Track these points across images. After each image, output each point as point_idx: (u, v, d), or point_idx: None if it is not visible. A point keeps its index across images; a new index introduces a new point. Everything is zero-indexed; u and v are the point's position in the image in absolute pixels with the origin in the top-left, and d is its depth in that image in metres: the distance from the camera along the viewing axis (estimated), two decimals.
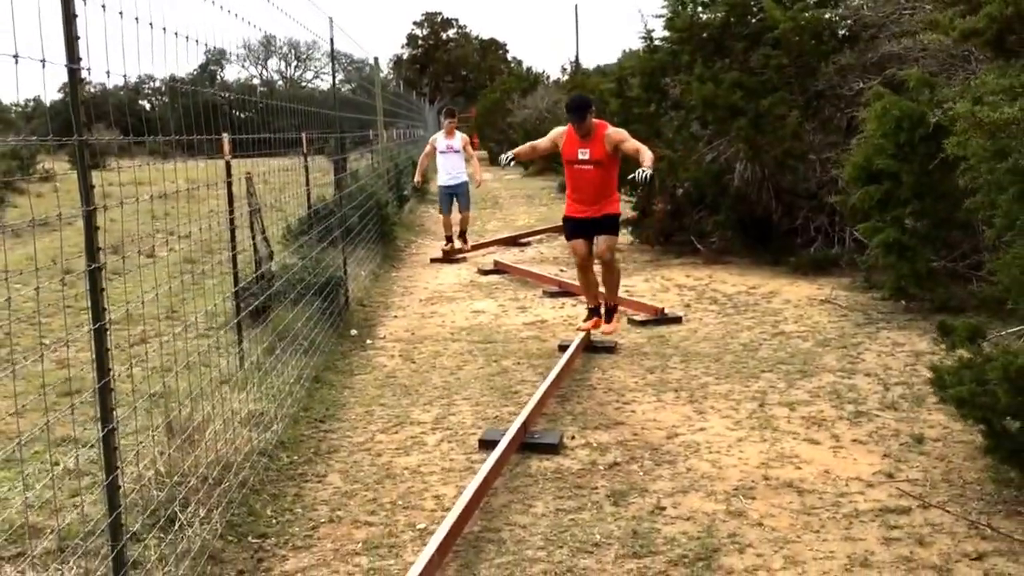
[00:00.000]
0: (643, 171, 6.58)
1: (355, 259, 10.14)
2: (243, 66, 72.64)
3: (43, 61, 2.81)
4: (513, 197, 23.45)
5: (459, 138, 13.53)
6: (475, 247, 13.75)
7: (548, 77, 45.92)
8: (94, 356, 3.20)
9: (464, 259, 13.00)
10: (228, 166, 6.45)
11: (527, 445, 5.17)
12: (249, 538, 4.14)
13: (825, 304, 8.88)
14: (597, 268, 7.53)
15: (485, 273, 11.59)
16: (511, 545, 4.03)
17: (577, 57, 58.90)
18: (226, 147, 6.37)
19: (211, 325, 7.24)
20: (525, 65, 72.17)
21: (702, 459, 5.00)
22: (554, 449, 5.14)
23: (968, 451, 4.85)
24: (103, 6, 3.19)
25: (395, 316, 9.18)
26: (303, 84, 71.88)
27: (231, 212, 6.35)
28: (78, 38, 2.97)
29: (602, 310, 7.65)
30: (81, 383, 6.03)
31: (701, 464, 4.93)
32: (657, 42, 12.75)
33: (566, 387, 6.35)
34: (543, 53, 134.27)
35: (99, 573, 3.43)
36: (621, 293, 8.03)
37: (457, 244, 13.43)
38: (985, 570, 3.66)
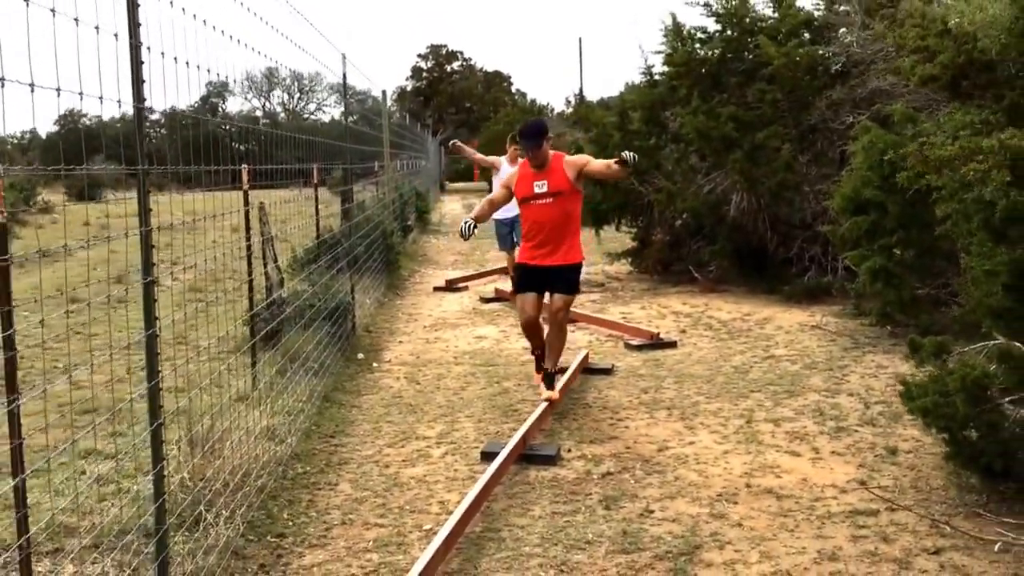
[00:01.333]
0: (629, 152, 6.14)
1: (361, 287, 10.51)
2: (246, 98, 73.49)
3: (119, 101, 3.20)
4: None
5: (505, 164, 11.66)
6: (479, 276, 14.12)
7: (552, 109, 46.53)
8: (146, 362, 3.56)
9: (467, 288, 13.35)
10: (246, 195, 6.83)
11: (526, 456, 5.51)
12: (268, 537, 4.49)
13: (815, 330, 9.24)
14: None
15: (487, 301, 11.96)
16: (510, 543, 4.37)
17: (581, 89, 59.58)
18: (245, 177, 6.76)
19: (222, 349, 7.60)
20: (529, 97, 72.98)
21: (690, 469, 5.35)
22: (551, 460, 5.49)
23: (936, 461, 5.19)
24: (162, 53, 3.58)
25: (400, 341, 9.53)
26: (306, 116, 72.72)
27: (248, 240, 6.73)
28: (144, 81, 3.34)
29: (540, 370, 6.88)
30: (97, 402, 6.38)
31: (688, 473, 5.27)
32: (657, 77, 13.21)
33: (564, 405, 6.70)
34: (547, 85, 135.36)
35: (141, 557, 3.77)
36: (616, 319, 8.36)
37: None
38: (941, 563, 4.00)
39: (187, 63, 3.83)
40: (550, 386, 6.62)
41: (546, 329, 6.79)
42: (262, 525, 4.61)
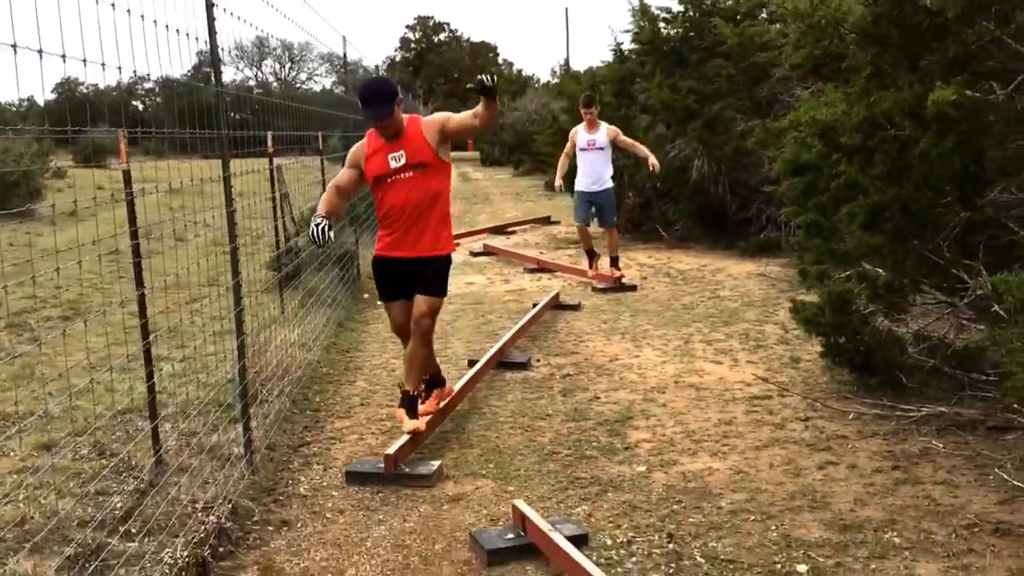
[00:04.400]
0: (485, 75, 4.97)
1: (363, 242, 11.88)
2: (238, 68, 74.29)
3: (210, 83, 4.55)
4: (503, 194, 25.21)
5: (604, 131, 10.44)
6: (468, 234, 15.48)
7: (538, 80, 47.70)
8: (232, 292, 4.93)
9: (458, 244, 14.72)
10: (271, 158, 8.19)
11: (503, 364, 6.94)
12: (307, 411, 5.94)
13: (760, 277, 10.68)
14: None
15: (476, 255, 13.36)
16: (488, 415, 5.82)
17: (568, 59, 60.71)
18: (270, 144, 8.12)
19: (249, 290, 8.98)
20: (516, 67, 74.19)
21: (632, 372, 6.78)
22: (524, 366, 6.92)
23: (825, 366, 6.62)
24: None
25: None
26: (297, 86, 73.60)
27: (273, 195, 8.10)
28: (222, 69, 4.71)
29: (413, 389, 5.41)
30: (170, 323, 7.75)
31: (631, 375, 6.71)
32: (626, 53, 14.57)
33: (536, 330, 8.12)
34: (534, 55, 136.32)
35: (222, 421, 5.19)
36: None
37: (607, 269, 10.75)
38: (807, 425, 5.46)
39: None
40: (412, 413, 5.25)
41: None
42: (302, 403, 6.05)
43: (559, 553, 3.76)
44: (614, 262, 10.66)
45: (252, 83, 73.54)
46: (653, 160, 10.16)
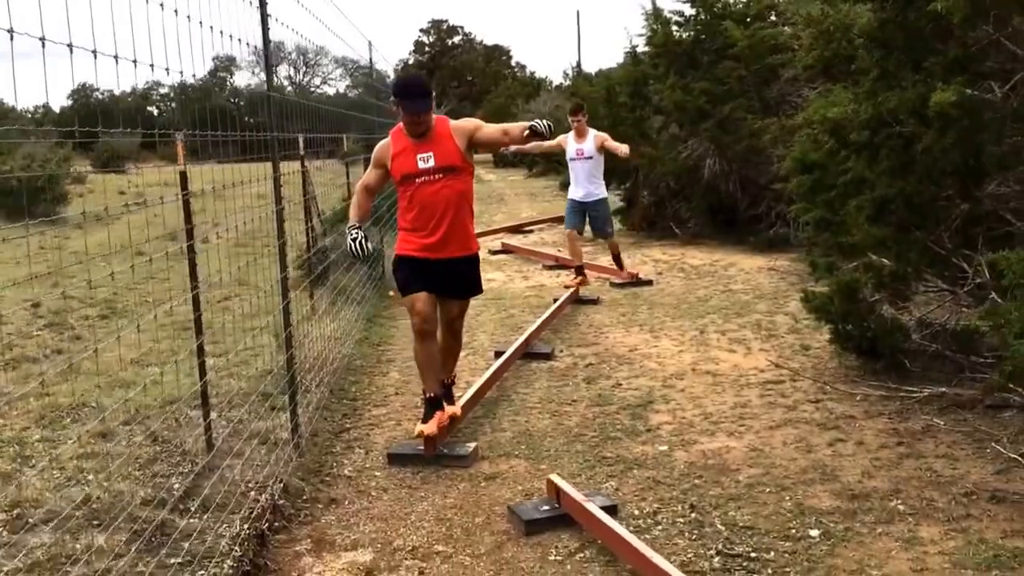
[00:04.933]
0: (543, 122, 5.18)
1: (387, 241, 12.25)
2: (253, 72, 74.84)
3: (267, 95, 4.91)
4: (517, 195, 25.60)
5: (591, 139, 10.21)
6: (486, 233, 15.83)
7: (551, 82, 48.10)
8: (280, 288, 5.29)
9: None
10: (303, 161, 8.56)
11: (528, 354, 7.29)
12: (345, 400, 6.31)
13: (770, 271, 11.02)
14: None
15: (494, 253, 13.73)
16: (517, 401, 6.18)
17: (579, 62, 61.04)
18: (302, 146, 8.49)
19: (275, 289, 9.37)
20: (529, 70, 74.64)
21: (652, 361, 7.13)
22: (548, 356, 7.28)
23: (834, 352, 6.96)
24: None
25: None
26: (312, 90, 74.12)
27: (305, 199, 8.47)
28: (274, 72, 5.07)
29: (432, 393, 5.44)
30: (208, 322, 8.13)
31: (650, 363, 7.06)
32: (640, 55, 14.92)
33: (557, 323, 8.47)
34: (546, 58, 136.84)
35: (270, 409, 5.56)
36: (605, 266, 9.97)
37: (624, 270, 10.78)
38: (818, 407, 5.80)
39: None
40: (450, 398, 5.56)
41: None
42: (339, 393, 6.43)
43: (593, 521, 4.10)
44: (617, 260, 10.74)
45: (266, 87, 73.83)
46: (624, 149, 9.83)
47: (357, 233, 5.23)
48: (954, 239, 5.99)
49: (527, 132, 5.09)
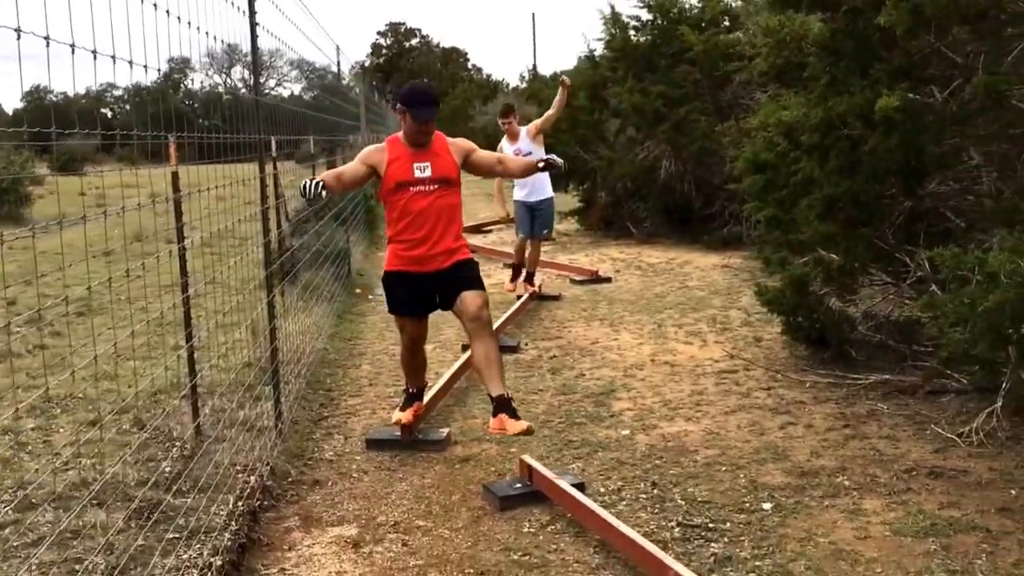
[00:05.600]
0: (553, 157, 5.41)
1: (352, 240, 12.50)
2: (207, 74, 74.26)
3: (248, 91, 5.16)
4: (474, 195, 25.69)
5: (523, 135, 9.81)
6: None
7: (508, 84, 48.46)
8: (266, 276, 5.54)
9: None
10: (275, 163, 8.77)
11: None
12: (320, 391, 6.58)
13: (724, 268, 11.42)
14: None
15: None
16: (485, 392, 6.45)
17: (535, 65, 61.48)
18: (274, 147, 8.70)
19: (248, 288, 9.60)
20: (485, 72, 74.94)
21: (612, 353, 7.47)
22: (514, 349, 7.58)
23: (785, 343, 7.33)
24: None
25: None
26: (267, 92, 73.64)
27: (277, 199, 8.69)
28: (261, 78, 5.33)
29: (411, 404, 5.59)
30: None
31: (611, 355, 7.39)
32: (598, 59, 15.28)
33: (522, 319, 8.78)
34: (503, 60, 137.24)
35: (265, 393, 5.81)
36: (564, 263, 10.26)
37: (519, 288, 10.05)
38: (769, 393, 6.17)
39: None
40: (514, 413, 4.94)
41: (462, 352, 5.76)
42: (315, 384, 6.70)
43: (564, 496, 4.42)
44: (529, 278, 10.04)
45: (221, 89, 73.54)
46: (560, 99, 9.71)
47: (317, 179, 4.78)
48: (897, 235, 6.39)
49: (541, 165, 5.37)
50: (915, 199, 6.28)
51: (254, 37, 5.24)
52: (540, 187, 9.89)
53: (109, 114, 64.25)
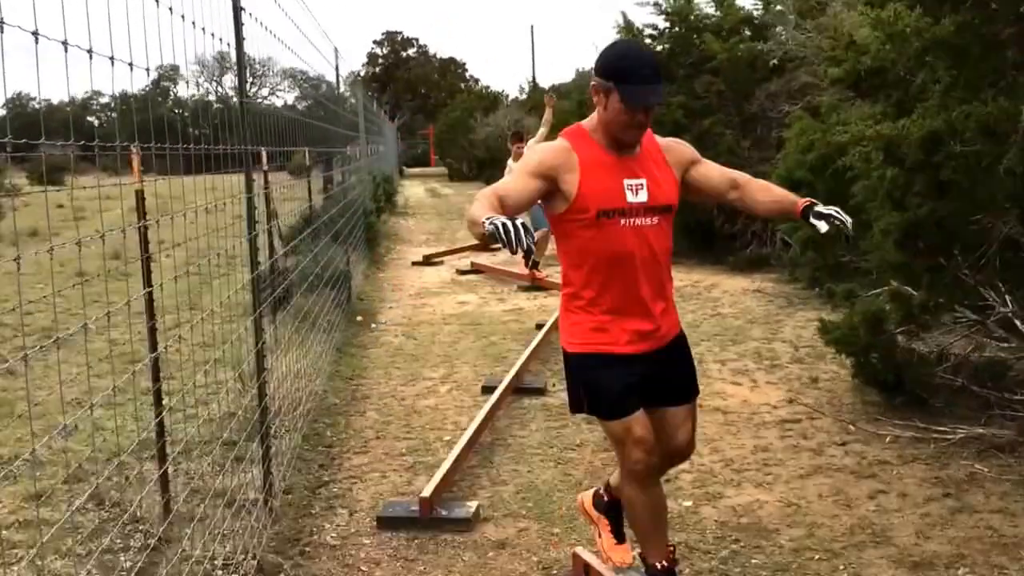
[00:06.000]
0: (836, 221, 3.21)
1: (351, 261, 11.61)
2: (197, 82, 73.40)
3: (237, 100, 4.29)
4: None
5: None
6: (454, 251, 15.24)
7: (508, 96, 47.66)
8: (255, 316, 4.64)
9: (442, 262, 14.49)
10: (266, 176, 7.90)
11: (520, 389, 6.69)
12: (320, 447, 5.66)
13: (756, 293, 10.53)
14: None
15: (463, 273, 13.12)
16: (515, 446, 5.57)
17: (534, 76, 60.74)
18: (264, 158, 7.83)
19: (232, 314, 8.68)
20: (484, 83, 74.22)
21: None
22: (541, 391, 6.68)
23: (848, 385, 6.44)
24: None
25: (391, 307, 10.67)
26: (258, 101, 72.79)
27: (268, 218, 7.80)
28: (248, 81, 4.45)
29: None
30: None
31: None
32: None
33: (544, 352, 7.88)
34: (501, 72, 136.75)
35: (252, 453, 4.90)
36: None
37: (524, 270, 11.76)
38: (846, 450, 5.27)
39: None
40: None
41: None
42: (313, 438, 5.78)
43: None
44: (535, 264, 11.28)
45: (211, 98, 72.60)
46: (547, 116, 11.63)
47: (506, 219, 2.76)
48: (984, 269, 5.52)
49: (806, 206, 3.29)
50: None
51: (238, 25, 4.37)
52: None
53: (95, 122, 63.46)
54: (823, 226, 3.19)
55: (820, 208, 3.25)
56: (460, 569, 4.09)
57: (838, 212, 3.22)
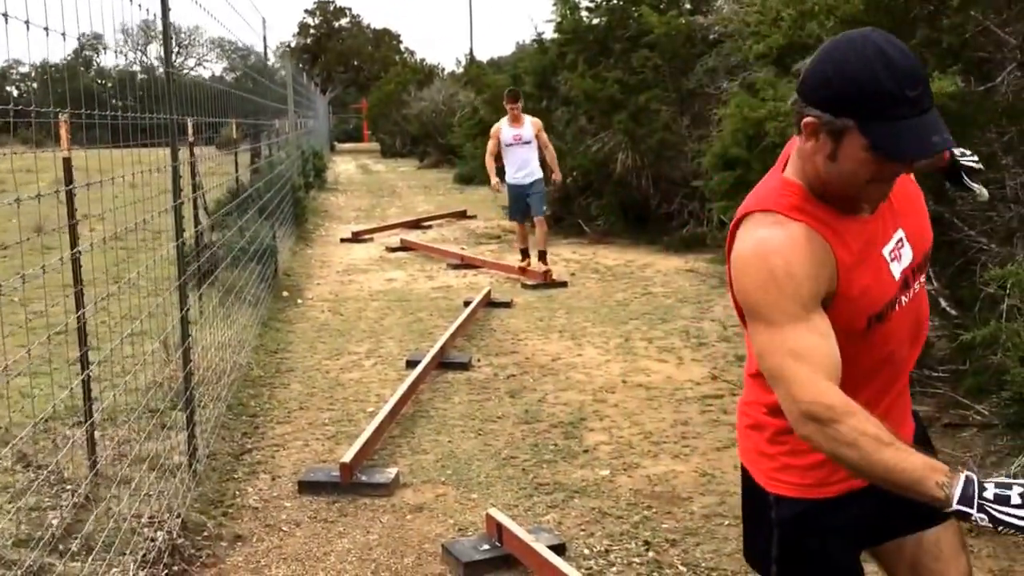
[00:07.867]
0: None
1: (277, 236, 11.49)
2: (121, 51, 71.81)
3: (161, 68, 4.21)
4: (411, 187, 24.84)
5: (528, 124, 10.53)
6: (384, 228, 15.14)
7: (443, 69, 47.23)
8: (179, 284, 4.59)
9: (372, 239, 14.38)
10: (191, 148, 7.77)
11: (444, 364, 6.71)
12: (244, 416, 5.63)
13: (689, 272, 10.66)
14: None
15: (392, 250, 13.06)
16: (437, 418, 5.59)
17: (471, 49, 60.43)
18: (190, 131, 7.70)
19: (159, 288, 8.56)
20: (419, 56, 73.69)
21: (577, 372, 6.63)
22: (465, 366, 6.70)
23: None
24: None
25: (318, 283, 10.60)
26: (184, 72, 71.39)
27: (195, 191, 7.69)
28: (173, 51, 4.38)
29: None
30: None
31: (576, 375, 6.56)
32: (547, 43, 14.41)
33: (471, 329, 7.90)
34: (437, 44, 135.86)
35: (177, 421, 4.86)
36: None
37: (535, 265, 10.47)
38: None
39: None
40: None
41: None
42: (237, 408, 5.74)
43: (543, 565, 3.57)
44: (542, 256, 10.39)
45: (136, 68, 71.00)
46: (557, 174, 10.93)
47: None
48: None
49: None
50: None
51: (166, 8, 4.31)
52: (534, 169, 10.47)
53: (15, 92, 61.80)
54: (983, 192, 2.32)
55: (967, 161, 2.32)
56: (378, 530, 4.12)
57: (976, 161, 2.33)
